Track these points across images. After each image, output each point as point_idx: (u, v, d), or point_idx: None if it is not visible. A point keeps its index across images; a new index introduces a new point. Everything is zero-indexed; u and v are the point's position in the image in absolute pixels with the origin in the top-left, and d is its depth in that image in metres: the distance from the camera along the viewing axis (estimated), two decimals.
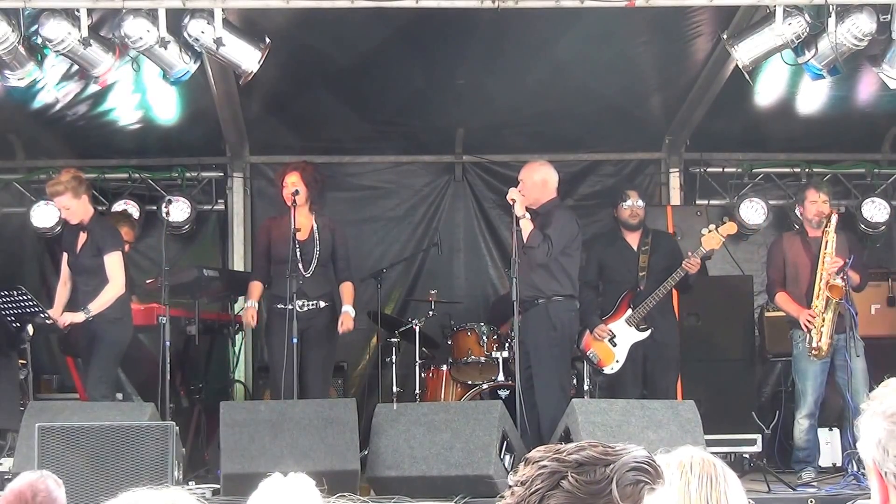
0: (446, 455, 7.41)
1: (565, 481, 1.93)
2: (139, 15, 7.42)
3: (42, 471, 3.33)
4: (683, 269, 8.52)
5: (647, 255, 8.83)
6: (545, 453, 1.98)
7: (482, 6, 7.57)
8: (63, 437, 6.83)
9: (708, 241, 8.56)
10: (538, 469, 1.95)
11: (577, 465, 1.94)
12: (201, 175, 10.87)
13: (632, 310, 8.70)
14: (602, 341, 8.76)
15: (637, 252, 8.85)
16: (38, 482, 3.23)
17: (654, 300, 8.61)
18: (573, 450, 1.98)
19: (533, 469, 1.96)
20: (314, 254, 8.47)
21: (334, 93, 9.87)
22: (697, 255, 8.56)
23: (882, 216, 10.58)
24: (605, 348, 8.77)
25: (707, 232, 8.60)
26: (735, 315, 9.76)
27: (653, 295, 8.61)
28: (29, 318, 8.82)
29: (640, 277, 8.78)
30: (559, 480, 1.93)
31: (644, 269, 8.78)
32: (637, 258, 8.83)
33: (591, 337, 8.81)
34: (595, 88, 9.69)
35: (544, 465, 1.95)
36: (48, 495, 3.21)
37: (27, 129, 10.16)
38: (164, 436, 6.87)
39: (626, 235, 8.92)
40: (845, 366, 8.30)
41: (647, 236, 8.93)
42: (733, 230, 8.75)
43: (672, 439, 7.29)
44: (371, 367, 10.47)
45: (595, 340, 8.79)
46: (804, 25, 7.58)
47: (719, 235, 8.57)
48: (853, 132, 10.45)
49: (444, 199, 10.95)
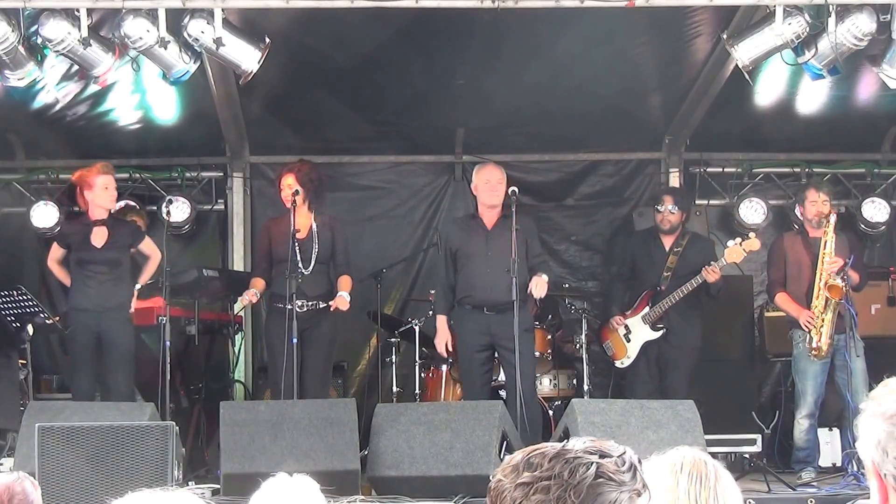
0: (446, 455, 7.41)
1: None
2: (139, 15, 7.42)
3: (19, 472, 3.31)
4: (702, 276, 8.58)
5: (677, 256, 8.93)
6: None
7: (482, 6, 7.57)
8: (63, 437, 6.83)
9: (731, 255, 8.63)
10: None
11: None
12: (201, 175, 10.86)
13: (649, 308, 8.82)
14: (617, 333, 8.95)
15: (668, 253, 8.95)
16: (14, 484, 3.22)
17: (670, 302, 8.73)
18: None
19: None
20: (313, 252, 8.47)
21: (334, 93, 9.87)
22: (718, 265, 8.62)
23: (882, 216, 10.57)
24: (620, 341, 8.97)
25: (732, 244, 8.67)
26: (735, 315, 9.77)
27: (670, 296, 8.72)
28: (29, 318, 8.84)
29: (664, 277, 8.90)
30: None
31: (670, 269, 8.89)
32: (666, 259, 8.92)
33: (608, 328, 9.06)
34: (595, 88, 9.69)
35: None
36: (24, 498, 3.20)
37: (27, 129, 10.16)
38: (164, 436, 6.87)
39: (661, 236, 9.07)
40: (845, 366, 8.31)
41: (683, 239, 9.03)
42: (757, 246, 8.78)
43: (672, 439, 7.29)
44: (371, 367, 10.46)
45: (611, 332, 9.04)
46: (804, 25, 7.58)
47: (742, 250, 8.62)
48: (853, 132, 10.44)
49: (443, 199, 10.95)
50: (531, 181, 10.62)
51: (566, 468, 1.95)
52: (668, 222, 9.01)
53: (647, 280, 9.01)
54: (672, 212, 9.00)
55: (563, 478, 1.94)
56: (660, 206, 9.06)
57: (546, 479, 1.95)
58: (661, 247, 9.03)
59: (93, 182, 8.51)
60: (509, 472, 2.00)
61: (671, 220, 9.01)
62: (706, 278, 8.60)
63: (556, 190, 11.01)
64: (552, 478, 1.94)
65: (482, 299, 8.26)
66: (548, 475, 1.95)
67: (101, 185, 8.52)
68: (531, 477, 1.96)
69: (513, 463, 2.01)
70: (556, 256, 10.82)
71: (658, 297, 8.83)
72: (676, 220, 9.03)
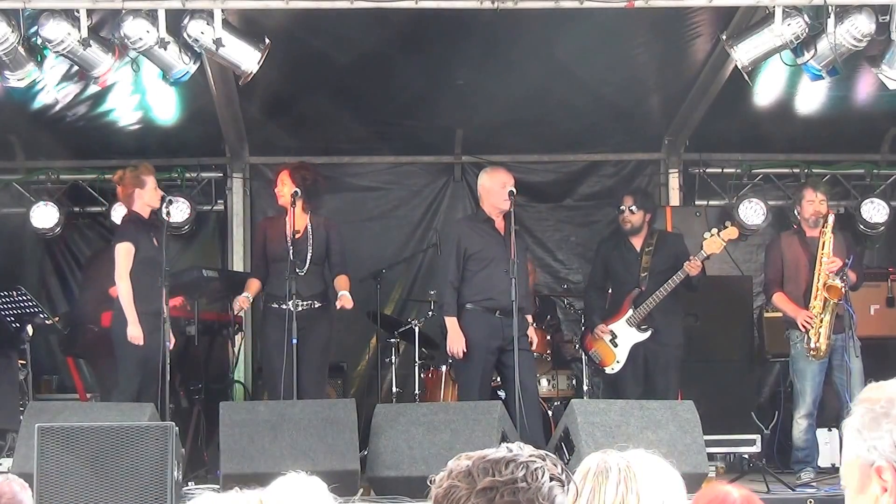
0: (446, 455, 7.30)
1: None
2: (139, 16, 7.42)
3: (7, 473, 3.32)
4: (684, 271, 8.54)
5: (650, 255, 8.86)
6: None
7: (481, 7, 7.57)
8: (62, 437, 6.82)
9: (709, 246, 8.57)
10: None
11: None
12: (201, 175, 10.87)
13: (633, 310, 8.74)
14: (603, 341, 8.79)
15: (640, 253, 8.88)
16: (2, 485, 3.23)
17: (654, 300, 8.63)
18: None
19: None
20: (308, 253, 8.46)
21: (334, 93, 9.87)
22: (699, 257, 8.58)
23: (881, 217, 10.58)
24: (607, 348, 8.81)
25: (709, 236, 8.62)
26: (734, 315, 9.77)
27: (654, 295, 8.64)
28: (29, 318, 8.84)
29: (642, 278, 8.80)
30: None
31: (646, 269, 8.81)
32: (639, 259, 8.86)
33: (592, 337, 8.88)
34: (595, 89, 9.70)
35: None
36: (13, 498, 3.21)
37: (27, 130, 10.16)
38: (163, 436, 6.86)
39: (630, 237, 8.96)
40: (843, 366, 8.31)
41: (652, 237, 8.96)
42: (735, 235, 8.75)
43: (671, 439, 7.31)
44: (371, 367, 10.47)
45: (596, 340, 8.86)
46: (803, 26, 7.59)
47: (720, 240, 8.58)
48: (852, 133, 10.45)
49: (443, 200, 10.96)
50: (530, 182, 10.62)
51: (527, 472, 2.01)
52: (629, 223, 8.91)
53: (625, 283, 8.88)
54: (632, 211, 8.91)
55: (527, 481, 1.99)
56: (620, 207, 8.98)
57: (510, 484, 1.99)
58: (632, 249, 8.93)
59: (146, 181, 8.43)
60: (462, 478, 2.03)
61: (632, 220, 8.91)
62: (689, 272, 8.56)
63: (556, 190, 11.02)
64: (515, 481, 1.99)
65: (501, 303, 8.16)
66: (510, 479, 2.00)
67: (153, 184, 8.47)
68: (492, 482, 2.00)
69: (461, 469, 2.05)
70: (555, 257, 10.83)
71: (640, 298, 8.73)
72: (638, 220, 8.92)
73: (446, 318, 8.32)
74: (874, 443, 2.12)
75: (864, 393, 2.21)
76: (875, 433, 2.12)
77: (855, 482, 2.16)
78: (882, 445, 2.11)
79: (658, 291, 8.63)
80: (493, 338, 8.20)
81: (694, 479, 6.72)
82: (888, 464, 2.10)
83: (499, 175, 8.50)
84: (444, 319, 8.33)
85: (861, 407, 2.17)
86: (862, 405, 2.17)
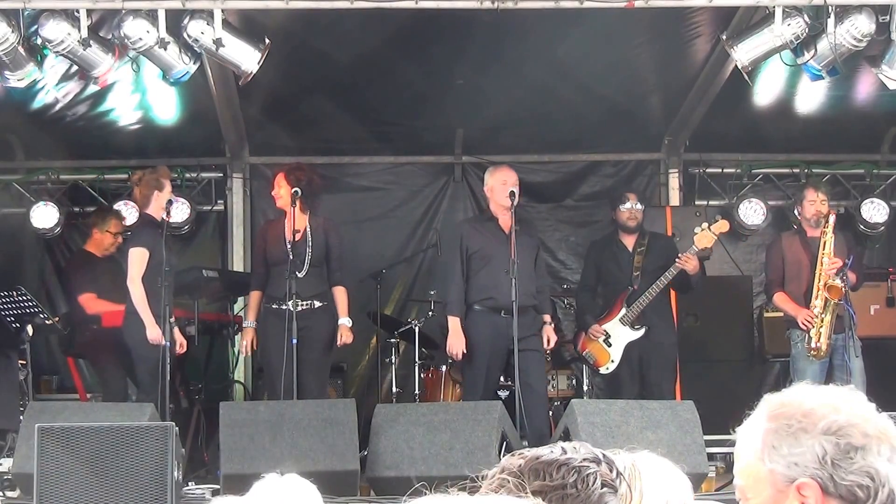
0: (446, 455, 7.42)
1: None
2: (139, 16, 7.42)
3: None
4: (677, 266, 8.55)
5: (642, 255, 8.88)
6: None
7: (481, 7, 7.57)
8: (63, 437, 6.82)
9: (701, 240, 8.60)
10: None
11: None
12: (201, 176, 10.87)
13: (626, 309, 8.75)
14: (597, 341, 8.80)
15: (632, 253, 8.90)
16: None
17: (647, 299, 8.66)
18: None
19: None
20: (307, 255, 8.44)
21: (334, 93, 9.87)
22: (690, 252, 8.59)
23: (881, 217, 10.58)
24: (601, 348, 8.81)
25: (700, 230, 8.64)
26: (734, 315, 9.78)
27: (646, 293, 8.66)
28: (29, 318, 8.84)
29: (635, 277, 8.83)
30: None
31: (638, 269, 8.83)
32: (632, 259, 8.87)
33: (587, 337, 8.88)
34: (594, 89, 9.69)
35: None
36: None
37: (27, 130, 10.15)
38: (163, 436, 6.86)
39: (622, 238, 8.97)
40: (844, 366, 8.32)
41: (644, 238, 8.97)
42: (725, 228, 8.78)
43: (671, 439, 7.31)
44: (370, 367, 10.47)
45: (590, 341, 8.85)
46: (803, 26, 7.59)
47: (711, 233, 8.60)
48: (852, 133, 10.45)
49: (443, 200, 10.95)
50: (530, 182, 10.60)
51: (578, 478, 1.97)
52: (636, 219, 8.92)
53: (618, 283, 8.89)
54: (638, 208, 8.94)
55: (577, 488, 1.96)
56: (624, 205, 8.94)
57: (559, 489, 1.96)
58: (625, 248, 8.94)
59: (164, 183, 8.42)
60: (512, 478, 2.01)
61: (638, 216, 8.94)
62: (684, 267, 8.53)
63: (556, 191, 11.02)
64: (565, 487, 1.96)
65: (504, 302, 8.17)
66: (560, 485, 1.97)
67: (169, 187, 8.48)
68: (541, 486, 1.97)
69: (512, 469, 2.02)
70: (555, 257, 10.83)
71: (633, 297, 8.74)
72: (641, 216, 8.97)
73: (449, 317, 8.34)
74: (795, 459, 2.05)
75: (772, 407, 2.15)
76: (796, 449, 2.06)
77: (764, 497, 2.09)
78: (804, 461, 2.05)
79: (651, 289, 8.65)
80: (500, 338, 8.20)
81: (694, 479, 6.72)
82: (811, 480, 2.03)
83: (500, 173, 8.53)
84: (447, 318, 8.34)
85: (775, 423, 2.11)
86: (776, 421, 2.11)
